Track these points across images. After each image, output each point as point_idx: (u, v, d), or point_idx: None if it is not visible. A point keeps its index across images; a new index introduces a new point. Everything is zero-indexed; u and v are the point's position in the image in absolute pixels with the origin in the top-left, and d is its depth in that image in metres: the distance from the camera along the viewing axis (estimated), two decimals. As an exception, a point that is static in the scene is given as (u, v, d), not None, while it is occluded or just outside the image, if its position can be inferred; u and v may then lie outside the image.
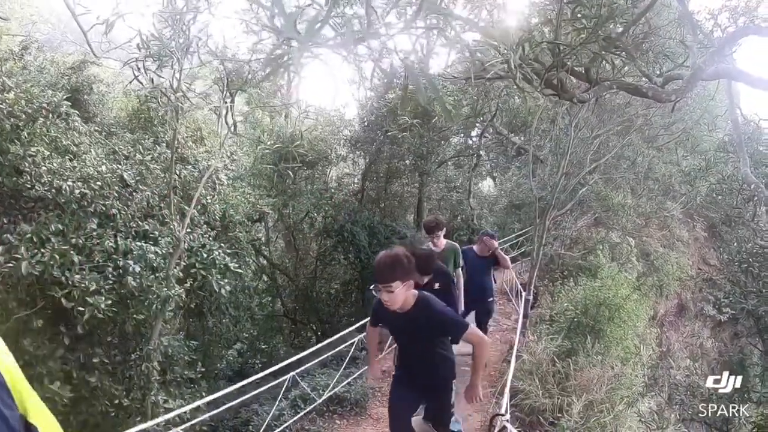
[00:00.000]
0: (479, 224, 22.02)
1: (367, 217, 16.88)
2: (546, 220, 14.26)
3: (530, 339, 11.35)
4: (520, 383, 9.57)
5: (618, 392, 10.00)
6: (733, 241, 19.36)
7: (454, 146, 22.16)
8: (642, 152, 18.50)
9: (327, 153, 17.29)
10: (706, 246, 25.33)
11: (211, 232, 10.65)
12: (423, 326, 4.47)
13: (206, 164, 11.00)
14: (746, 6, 13.53)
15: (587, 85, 5.22)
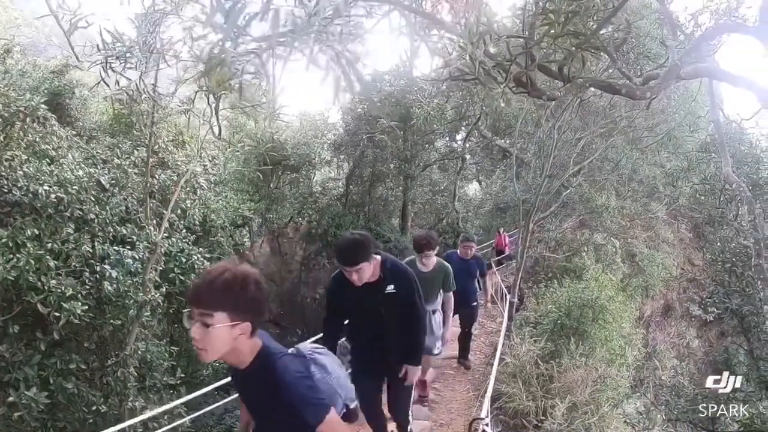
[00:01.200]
0: (464, 227, 22.06)
1: (351, 221, 16.84)
2: (530, 223, 14.27)
3: (515, 342, 11.31)
4: (504, 386, 9.51)
5: (603, 393, 9.95)
6: (717, 241, 19.44)
7: (438, 150, 22.13)
8: (626, 154, 18.54)
9: (311, 157, 17.23)
10: (691, 246, 25.40)
11: (190, 236, 10.55)
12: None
13: (185, 168, 10.91)
14: (727, 7, 13.59)
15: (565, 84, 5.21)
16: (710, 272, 18.90)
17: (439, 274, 7.20)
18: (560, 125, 14.56)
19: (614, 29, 8.37)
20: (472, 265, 9.24)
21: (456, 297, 8.20)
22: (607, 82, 5.59)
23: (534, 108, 15.81)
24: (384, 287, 4.52)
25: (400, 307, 4.61)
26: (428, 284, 6.67)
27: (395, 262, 4.74)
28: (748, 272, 13.87)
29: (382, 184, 19.31)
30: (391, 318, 4.65)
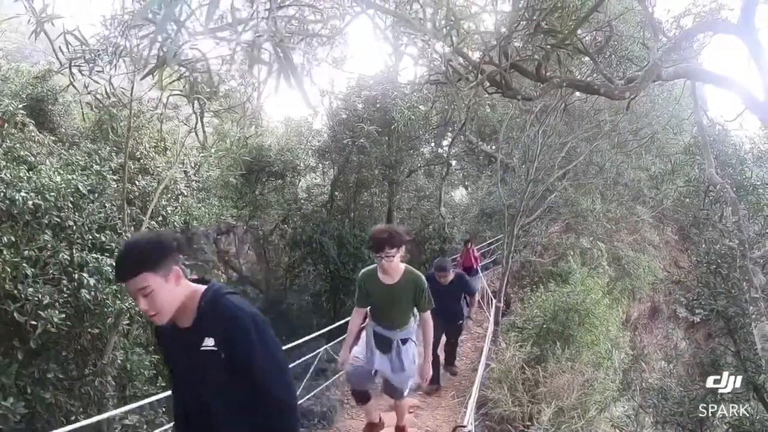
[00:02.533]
0: (451, 233, 22.01)
1: (336, 227, 16.77)
2: (515, 228, 14.26)
3: (501, 347, 11.28)
4: (490, 392, 9.48)
5: (590, 397, 9.94)
6: (702, 242, 19.46)
7: (424, 155, 22.11)
8: (610, 157, 18.61)
9: (295, 163, 17.17)
10: (677, 249, 25.51)
11: (171, 243, 10.42)
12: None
13: (167, 174, 10.81)
14: (709, 9, 13.67)
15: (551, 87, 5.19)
16: (696, 274, 18.89)
17: (408, 289, 5.14)
18: (545, 129, 14.59)
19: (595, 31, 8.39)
20: (455, 287, 8.68)
21: (436, 318, 7.16)
22: (585, 82, 5.56)
23: (519, 112, 15.84)
24: (198, 341, 2.60)
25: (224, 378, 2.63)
26: (392, 303, 5.22)
27: (225, 297, 2.73)
28: (733, 273, 13.85)
29: (367, 190, 19.25)
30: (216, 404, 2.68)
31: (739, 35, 6.14)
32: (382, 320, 5.43)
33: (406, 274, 5.16)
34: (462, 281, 8.88)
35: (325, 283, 17.21)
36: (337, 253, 15.99)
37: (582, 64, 11.83)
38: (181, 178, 11.59)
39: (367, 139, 16.11)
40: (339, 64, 18.15)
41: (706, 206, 17.49)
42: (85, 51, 4.17)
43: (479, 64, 3.47)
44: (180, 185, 11.37)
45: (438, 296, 6.96)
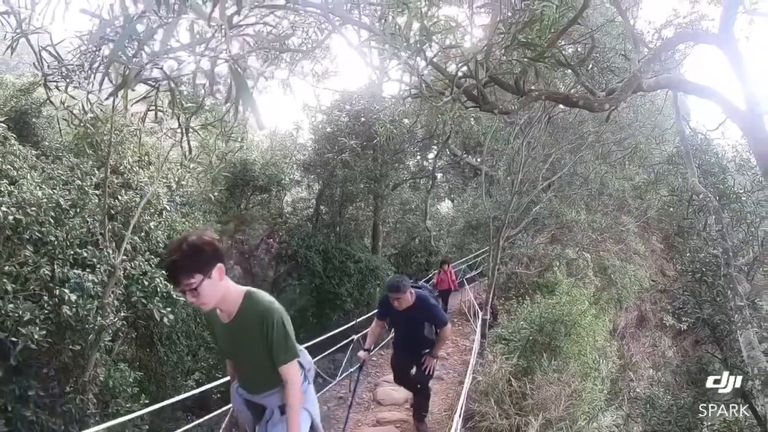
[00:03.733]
0: (437, 246, 22.06)
1: (322, 242, 16.76)
2: (500, 239, 14.29)
3: (489, 359, 11.25)
4: (476, 405, 9.42)
5: (578, 408, 9.91)
6: (687, 251, 19.59)
7: (409, 169, 22.16)
8: (595, 168, 18.73)
9: (280, 177, 17.13)
10: (662, 257, 25.60)
11: (154, 259, 10.33)
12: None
13: (150, 189, 10.73)
14: (690, 20, 13.80)
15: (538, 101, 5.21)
16: (682, 282, 19.01)
17: (250, 329, 3.43)
18: (529, 141, 14.65)
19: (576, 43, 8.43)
20: (416, 316, 6.77)
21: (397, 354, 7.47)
22: (564, 95, 5.58)
23: (503, 125, 15.90)
24: None
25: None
26: (235, 350, 3.67)
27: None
28: (718, 282, 13.95)
29: (352, 204, 19.29)
30: None
31: (718, 45, 6.19)
32: (239, 378, 3.85)
33: (247, 306, 3.38)
34: (424, 307, 6.72)
35: (311, 298, 17.16)
36: (322, 267, 15.96)
37: (565, 76, 11.90)
38: (164, 193, 11.50)
39: (351, 153, 16.14)
40: (322, 79, 18.22)
41: (690, 215, 17.59)
42: (60, 66, 4.13)
43: (454, 78, 3.45)
44: (163, 200, 11.28)
45: (396, 323, 7.15)
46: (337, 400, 10.49)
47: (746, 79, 6.09)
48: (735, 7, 6.24)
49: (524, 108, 9.01)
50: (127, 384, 9.27)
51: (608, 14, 12.52)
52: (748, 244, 15.58)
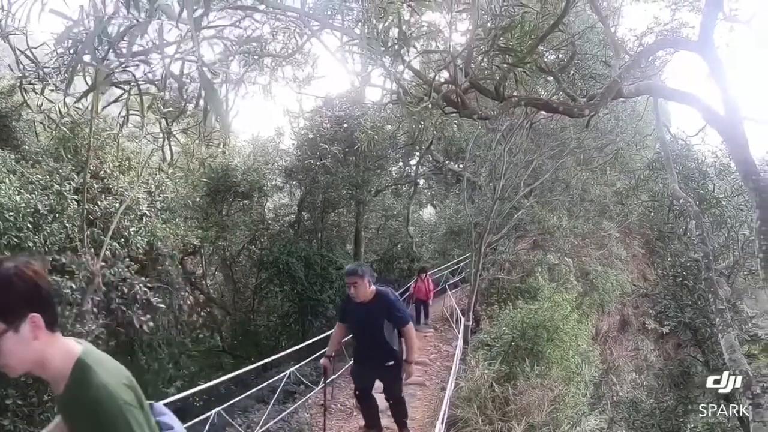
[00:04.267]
0: (419, 252, 22.06)
1: (304, 248, 16.68)
2: (482, 245, 14.31)
3: (471, 365, 11.24)
4: (459, 411, 9.41)
5: (562, 413, 9.94)
6: (668, 255, 19.76)
7: (391, 175, 22.16)
8: (576, 174, 18.83)
9: (261, 183, 17.03)
10: (644, 262, 25.73)
11: (134, 265, 10.21)
12: None
13: (129, 195, 10.61)
14: (671, 27, 13.91)
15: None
16: (663, 286, 19.17)
17: None
18: (511, 148, 14.72)
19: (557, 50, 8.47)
20: (375, 310, 6.02)
21: (362, 354, 6.49)
22: (543, 101, 5.59)
23: (485, 131, 15.96)
24: None
25: None
26: None
27: None
28: (699, 285, 14.09)
29: (334, 211, 19.22)
30: None
31: (698, 52, 6.24)
32: None
33: (72, 387, 2.18)
34: (384, 300, 6.03)
35: (293, 305, 17.06)
36: (304, 273, 15.87)
37: (547, 82, 11.96)
38: (144, 198, 11.37)
39: (333, 159, 16.10)
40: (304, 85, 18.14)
41: (671, 220, 17.78)
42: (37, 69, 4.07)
43: (432, 83, 3.43)
44: (143, 206, 11.16)
45: (354, 320, 6.24)
46: (318, 408, 10.43)
47: (726, 86, 6.14)
48: (715, 14, 6.30)
49: (504, 114, 9.03)
50: (106, 392, 9.15)
51: (589, 21, 12.60)
52: (728, 248, 15.74)
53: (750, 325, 15.43)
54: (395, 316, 6.04)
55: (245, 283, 18.51)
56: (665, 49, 12.81)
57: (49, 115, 5.97)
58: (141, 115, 4.46)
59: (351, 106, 16.93)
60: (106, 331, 9.48)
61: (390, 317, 6.02)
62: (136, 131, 11.06)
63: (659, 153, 16.99)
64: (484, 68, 4.17)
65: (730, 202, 15.99)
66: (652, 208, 20.62)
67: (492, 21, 3.64)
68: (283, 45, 6.23)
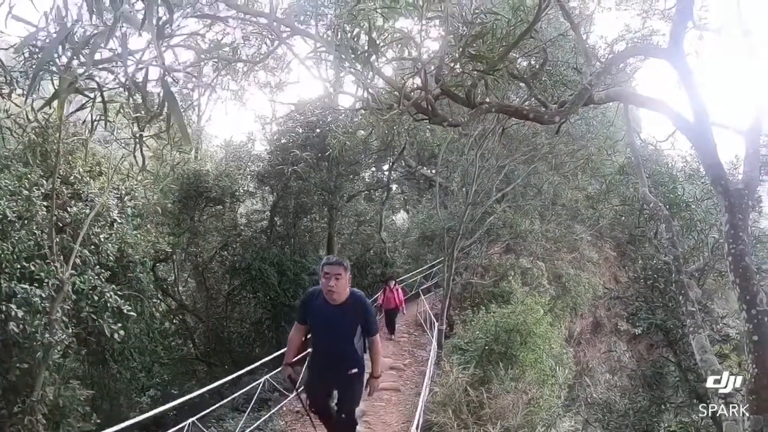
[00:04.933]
0: (392, 257, 22.06)
1: (277, 254, 16.60)
2: (455, 250, 14.36)
3: (446, 369, 11.26)
4: (434, 416, 9.41)
5: (536, 415, 10.01)
6: (639, 258, 19.98)
7: (364, 180, 22.15)
8: (548, 179, 18.99)
9: (234, 189, 16.93)
10: (615, 265, 25.99)
11: (104, 273, 10.04)
12: None
13: (99, 201, 10.45)
14: (641, 35, 14.07)
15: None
16: (635, 289, 19.38)
17: None
18: (483, 153, 14.79)
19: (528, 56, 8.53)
20: (349, 311, 5.22)
21: (322, 360, 5.51)
22: (514, 107, 5.62)
23: (458, 137, 16.02)
24: None
25: None
26: None
27: None
28: (670, 287, 14.25)
29: (307, 216, 19.18)
30: None
31: (668, 60, 6.32)
32: None
33: None
34: (359, 303, 5.28)
35: (266, 311, 16.99)
36: (277, 280, 15.79)
37: (519, 88, 12.03)
38: (115, 204, 11.21)
39: (306, 165, 16.07)
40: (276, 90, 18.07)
41: (641, 224, 17.97)
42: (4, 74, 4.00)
43: (402, 90, 3.44)
44: (113, 212, 11.00)
45: (322, 321, 5.30)
46: (294, 415, 10.37)
47: (695, 93, 6.23)
48: (685, 22, 6.39)
49: (475, 120, 9.05)
50: (78, 403, 8.99)
51: (561, 28, 12.69)
52: (698, 250, 15.96)
53: (721, 325, 15.66)
54: (369, 323, 5.32)
55: (218, 290, 18.36)
56: (636, 56, 12.95)
57: (16, 120, 5.87)
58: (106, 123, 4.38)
59: (323, 112, 16.91)
60: (76, 340, 9.35)
61: (364, 323, 5.26)
62: (107, 135, 10.88)
63: (630, 158, 17.17)
64: (455, 75, 4.19)
65: (699, 206, 16.22)
66: (623, 212, 20.83)
67: (464, 28, 3.66)
68: (256, 50, 6.21)
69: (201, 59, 3.72)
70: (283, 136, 17.64)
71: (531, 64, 9.50)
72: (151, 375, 13.69)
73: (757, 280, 6.34)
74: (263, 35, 5.24)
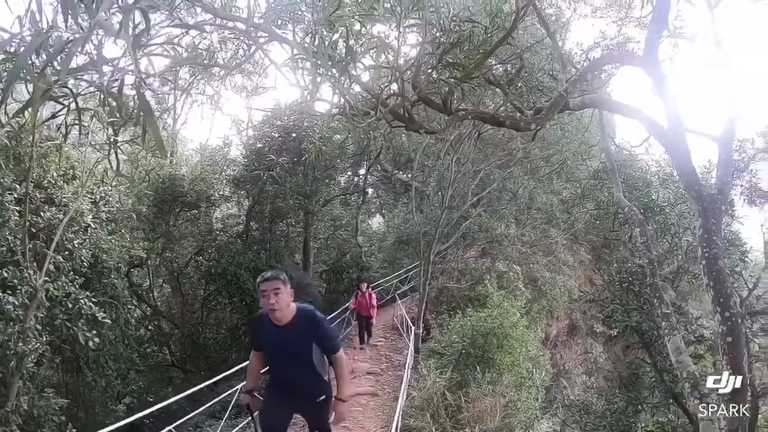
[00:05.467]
0: (368, 261, 22.04)
1: (252, 259, 16.45)
2: (431, 254, 14.40)
3: (423, 373, 11.27)
4: (412, 420, 9.41)
5: (514, 418, 10.06)
6: (614, 262, 20.16)
7: (340, 184, 22.13)
8: (523, 184, 19.13)
9: (209, 193, 16.81)
10: (590, 268, 26.17)
11: (78, 279, 9.90)
12: None
13: (73, 205, 10.29)
14: (617, 43, 14.23)
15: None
16: (610, 291, 19.55)
17: None
18: (459, 158, 14.86)
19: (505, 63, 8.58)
20: (301, 332, 4.60)
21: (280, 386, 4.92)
22: (490, 114, 5.65)
23: (434, 141, 16.08)
24: None
25: None
26: None
27: None
28: (644, 290, 14.39)
29: (282, 221, 19.08)
30: None
31: (643, 67, 6.40)
32: None
33: None
34: (310, 321, 4.62)
35: (242, 316, 16.85)
36: (253, 285, 15.64)
37: (495, 94, 12.08)
38: (89, 209, 11.05)
39: (282, 169, 16.00)
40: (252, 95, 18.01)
41: (616, 227, 18.17)
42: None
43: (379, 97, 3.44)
44: (87, 217, 10.84)
45: (272, 346, 4.74)
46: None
47: (669, 99, 6.31)
48: (660, 30, 6.48)
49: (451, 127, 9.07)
50: (53, 412, 8.85)
51: (538, 35, 12.81)
52: (672, 253, 16.15)
53: (695, 326, 15.85)
54: (326, 339, 4.67)
55: (193, 296, 18.19)
56: (611, 63, 13.11)
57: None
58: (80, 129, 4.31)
59: (300, 117, 16.85)
60: (50, 348, 9.21)
61: (319, 341, 4.62)
62: (82, 138, 10.73)
63: (604, 163, 17.36)
64: (432, 82, 4.20)
65: (673, 210, 16.42)
66: (598, 216, 21.03)
67: (441, 35, 3.67)
68: (233, 54, 6.18)
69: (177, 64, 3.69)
70: (259, 140, 17.54)
71: (507, 70, 9.55)
72: (127, 382, 13.49)
73: (731, 283, 6.44)
74: (240, 40, 5.24)
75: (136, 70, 2.29)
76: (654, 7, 6.27)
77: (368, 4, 3.65)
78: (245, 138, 18.90)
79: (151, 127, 2.36)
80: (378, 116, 3.56)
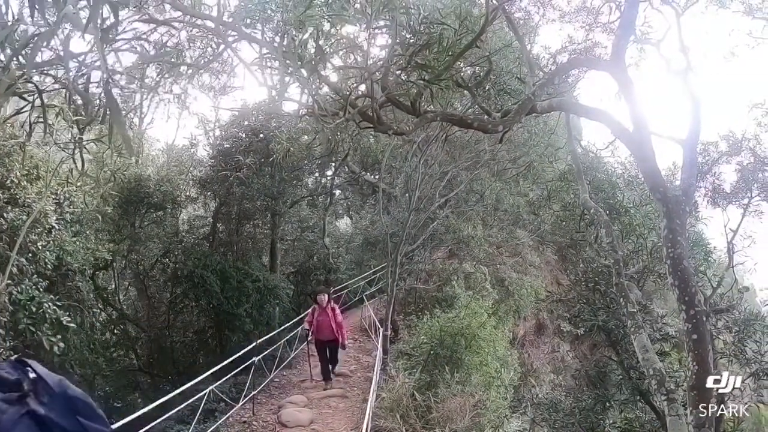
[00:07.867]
0: (335, 263, 22.00)
1: (219, 261, 16.26)
2: (398, 256, 14.42)
3: (392, 374, 11.28)
4: (382, 421, 9.42)
5: (484, 417, 10.11)
6: (580, 262, 20.36)
7: (307, 186, 22.03)
8: (490, 185, 19.24)
9: (176, 194, 16.61)
10: (557, 268, 26.47)
11: (42, 282, 9.68)
12: None
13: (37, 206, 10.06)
14: (584, 47, 14.39)
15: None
16: (576, 291, 19.76)
17: None
18: (427, 159, 14.91)
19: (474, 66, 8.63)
20: None
21: None
22: (459, 116, 5.69)
23: (401, 143, 16.10)
24: None
25: None
26: None
27: None
28: (611, 290, 14.56)
29: (249, 222, 18.93)
30: None
31: (610, 71, 6.49)
32: None
33: None
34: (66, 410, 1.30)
35: (209, 319, 16.70)
36: (220, 287, 15.46)
37: (463, 96, 12.15)
38: (53, 210, 10.81)
39: (249, 170, 15.88)
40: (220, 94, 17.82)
41: (582, 228, 18.36)
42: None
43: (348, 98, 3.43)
44: (51, 218, 10.60)
45: None
46: (241, 425, 10.24)
47: (635, 103, 6.41)
48: (627, 36, 6.60)
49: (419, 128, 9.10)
50: (21, 422, 8.65)
51: (506, 39, 12.92)
52: (638, 253, 16.36)
53: (661, 324, 16.05)
54: None
55: (160, 298, 17.95)
56: (578, 67, 13.27)
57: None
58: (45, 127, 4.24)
59: (267, 117, 16.73)
60: (13, 353, 9.01)
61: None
62: (46, 137, 10.50)
63: (571, 165, 17.55)
64: (401, 83, 4.21)
65: (638, 211, 16.62)
66: (564, 217, 21.23)
67: (411, 37, 3.68)
68: (201, 52, 6.12)
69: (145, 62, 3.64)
70: (226, 140, 17.36)
71: (476, 72, 9.61)
72: (93, 388, 13.27)
73: (695, 282, 6.56)
74: (209, 38, 5.20)
75: (103, 66, 2.26)
76: (621, 14, 6.38)
77: (339, 5, 3.65)
78: (212, 138, 18.68)
79: (118, 125, 2.33)
80: (347, 117, 3.56)
